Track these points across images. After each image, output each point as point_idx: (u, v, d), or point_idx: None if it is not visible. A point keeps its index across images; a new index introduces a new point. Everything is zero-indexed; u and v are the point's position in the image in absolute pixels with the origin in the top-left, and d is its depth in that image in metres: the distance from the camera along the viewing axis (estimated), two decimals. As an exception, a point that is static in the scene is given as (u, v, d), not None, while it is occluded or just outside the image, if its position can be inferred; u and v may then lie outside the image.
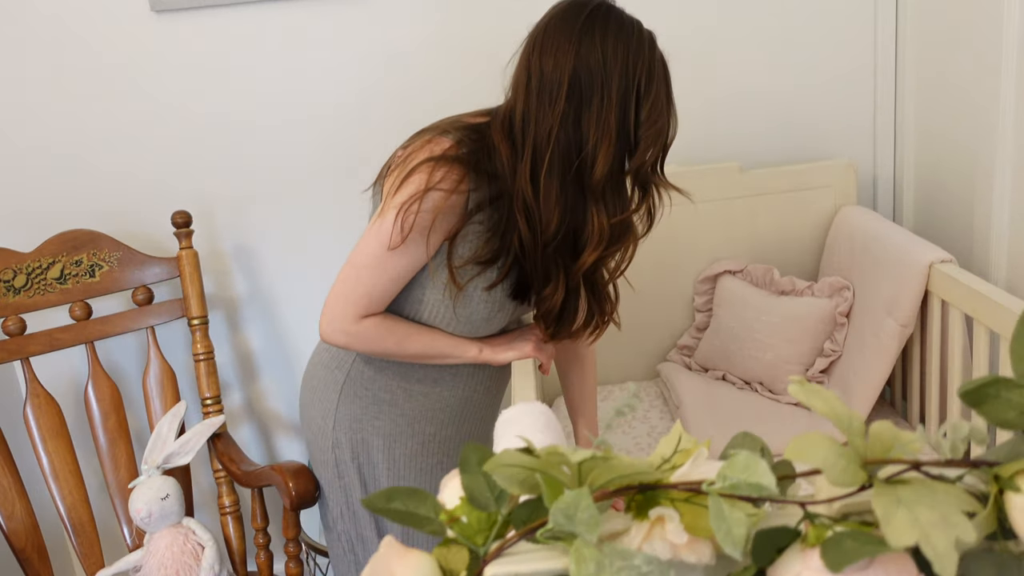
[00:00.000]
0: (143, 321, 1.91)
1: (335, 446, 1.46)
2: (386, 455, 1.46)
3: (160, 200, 2.03)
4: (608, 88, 1.18)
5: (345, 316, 1.32)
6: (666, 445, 0.75)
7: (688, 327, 2.11)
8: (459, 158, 1.24)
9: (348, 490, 1.49)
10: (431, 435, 1.46)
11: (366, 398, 1.43)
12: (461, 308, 1.33)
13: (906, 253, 1.69)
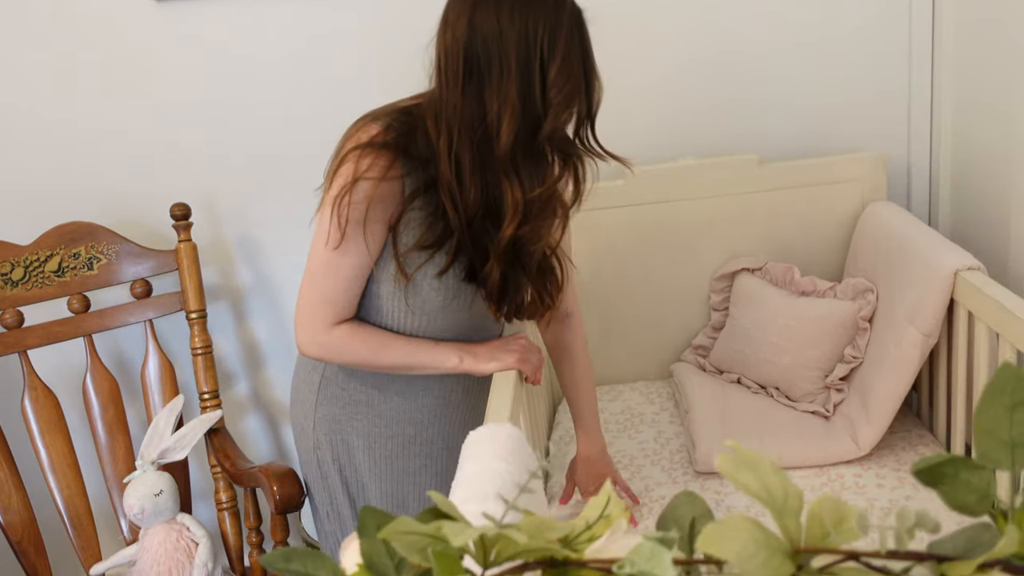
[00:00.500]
0: (141, 314, 1.89)
1: (316, 447, 1.43)
2: (367, 456, 1.42)
3: (161, 191, 2.00)
4: (505, 56, 1.13)
5: (315, 327, 1.29)
6: (593, 508, 0.68)
7: (704, 326, 2.01)
8: (387, 144, 1.20)
9: (332, 491, 1.46)
10: (411, 437, 1.42)
11: (342, 399, 1.40)
12: (413, 298, 1.29)
13: (931, 257, 1.56)
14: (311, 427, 1.43)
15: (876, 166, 1.88)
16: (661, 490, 1.61)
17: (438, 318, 1.32)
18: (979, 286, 1.43)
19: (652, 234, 1.96)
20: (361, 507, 0.62)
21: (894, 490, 1.52)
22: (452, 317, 1.34)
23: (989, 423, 0.57)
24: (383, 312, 1.32)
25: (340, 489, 1.45)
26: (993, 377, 0.58)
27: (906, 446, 1.65)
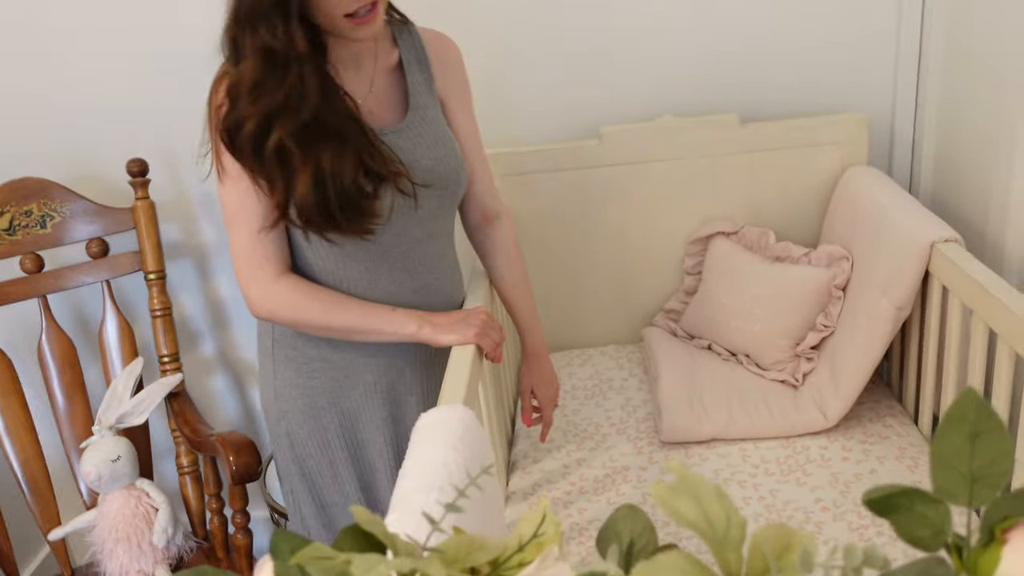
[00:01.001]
0: (97, 274, 1.83)
1: (282, 417, 1.39)
2: (336, 412, 1.38)
3: (118, 146, 1.93)
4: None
5: (255, 275, 1.26)
6: (527, 525, 0.64)
7: (677, 290, 1.97)
8: (227, 72, 1.18)
9: (302, 461, 1.41)
10: (371, 384, 1.38)
11: (297, 359, 1.37)
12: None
13: (908, 228, 1.52)
14: (272, 397, 1.39)
15: (858, 129, 1.83)
16: (625, 460, 1.59)
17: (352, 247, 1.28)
18: (954, 260, 1.39)
19: (627, 195, 1.91)
20: (274, 532, 0.58)
21: (859, 463, 1.50)
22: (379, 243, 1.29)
23: (948, 453, 0.53)
24: (310, 261, 1.30)
25: (316, 455, 1.40)
26: (953, 403, 0.54)
27: (874, 417, 1.63)
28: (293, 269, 1.31)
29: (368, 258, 1.30)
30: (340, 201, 1.18)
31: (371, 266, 1.30)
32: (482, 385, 1.39)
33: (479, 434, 1.08)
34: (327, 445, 1.39)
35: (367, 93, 1.29)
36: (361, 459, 1.41)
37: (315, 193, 1.17)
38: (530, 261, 1.96)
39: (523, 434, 1.72)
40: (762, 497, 1.45)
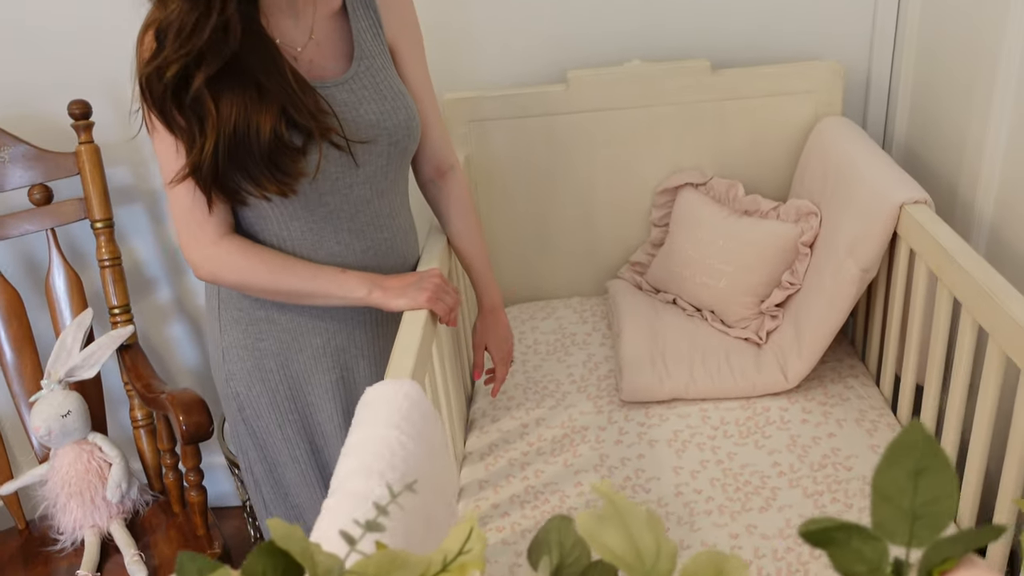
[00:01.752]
0: (41, 222, 1.76)
1: (229, 378, 1.35)
2: (283, 376, 1.35)
3: (61, 82, 1.83)
4: None
5: (196, 237, 1.21)
6: (453, 540, 0.61)
7: (643, 242, 1.93)
8: (153, 21, 1.12)
9: (251, 422, 1.38)
10: (320, 347, 1.34)
11: (243, 320, 1.33)
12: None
13: (877, 187, 1.48)
14: (221, 359, 1.35)
15: (833, 77, 1.76)
16: (585, 420, 1.57)
17: (285, 203, 1.22)
18: (922, 223, 1.35)
19: (594, 143, 1.84)
20: (180, 552, 0.55)
21: (818, 426, 1.49)
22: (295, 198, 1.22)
23: (890, 488, 0.50)
24: (252, 221, 1.24)
25: (266, 414, 1.37)
26: (898, 436, 0.50)
27: (836, 378, 1.61)
28: (237, 230, 1.25)
29: (313, 219, 1.24)
30: (257, 155, 1.11)
31: (315, 227, 1.25)
32: (436, 345, 1.36)
33: (426, 410, 1.04)
34: (276, 407, 1.36)
35: (306, 42, 1.21)
36: (311, 422, 1.38)
37: (227, 145, 1.10)
38: (493, 211, 1.91)
39: (482, 392, 1.70)
40: (720, 460, 1.44)
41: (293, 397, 1.37)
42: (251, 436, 1.40)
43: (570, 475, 1.45)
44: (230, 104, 1.10)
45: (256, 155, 1.12)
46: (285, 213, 1.22)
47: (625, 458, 1.47)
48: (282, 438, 1.39)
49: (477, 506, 1.41)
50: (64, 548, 1.65)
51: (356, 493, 0.88)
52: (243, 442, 1.41)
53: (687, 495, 1.38)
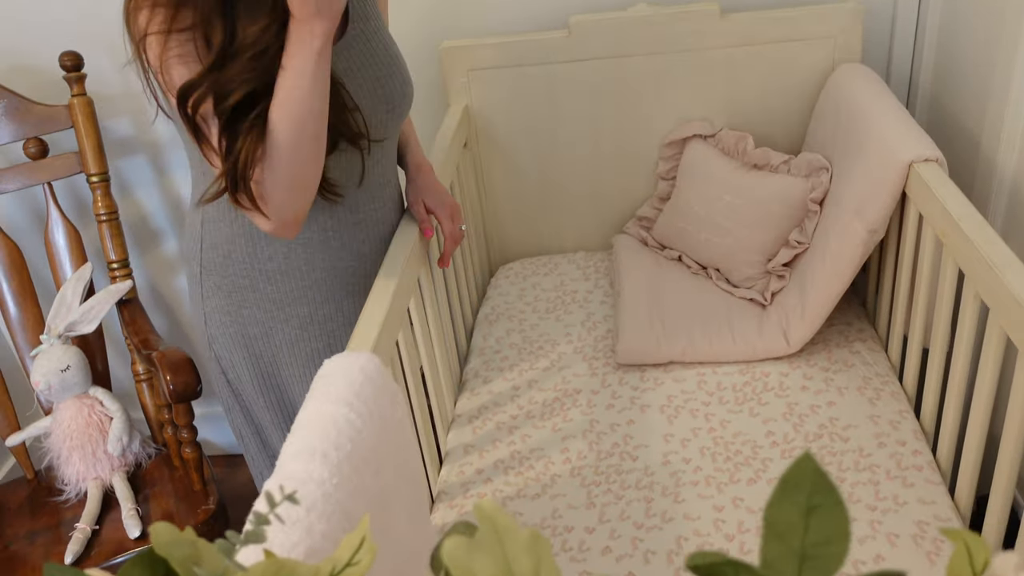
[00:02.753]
0: (37, 176, 1.75)
1: (212, 342, 1.34)
2: (267, 344, 1.33)
3: (57, 31, 1.80)
4: None
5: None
6: (344, 549, 0.58)
7: (650, 196, 1.86)
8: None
9: (234, 384, 1.38)
10: (306, 317, 1.31)
11: (225, 287, 1.29)
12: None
13: (887, 143, 1.38)
14: (203, 323, 1.34)
15: (852, 21, 1.65)
16: (578, 383, 1.53)
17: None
18: (929, 183, 1.26)
19: (598, 92, 1.76)
20: (46, 564, 0.53)
21: (818, 394, 1.43)
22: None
23: (781, 524, 0.46)
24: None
25: (247, 381, 1.36)
26: (789, 470, 0.46)
27: (842, 342, 1.54)
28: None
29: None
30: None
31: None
32: (416, 307, 1.32)
33: (383, 384, 1.01)
34: (259, 374, 1.34)
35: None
36: (291, 393, 1.36)
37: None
38: (494, 163, 1.85)
39: (476, 352, 1.67)
40: (712, 428, 1.39)
41: (276, 365, 1.35)
42: (235, 397, 1.39)
43: (557, 440, 1.42)
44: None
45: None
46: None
47: (615, 423, 1.44)
48: (265, 405, 1.37)
49: (461, 471, 1.39)
50: (69, 499, 1.69)
51: (294, 475, 0.86)
52: (228, 402, 1.40)
53: (675, 464, 1.34)
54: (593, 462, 1.36)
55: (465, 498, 1.33)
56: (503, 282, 1.86)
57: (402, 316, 1.22)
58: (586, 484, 1.32)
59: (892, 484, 1.24)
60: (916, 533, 1.16)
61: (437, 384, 1.44)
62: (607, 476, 1.33)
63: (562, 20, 1.75)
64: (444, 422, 1.47)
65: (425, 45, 1.80)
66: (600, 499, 1.29)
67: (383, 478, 0.97)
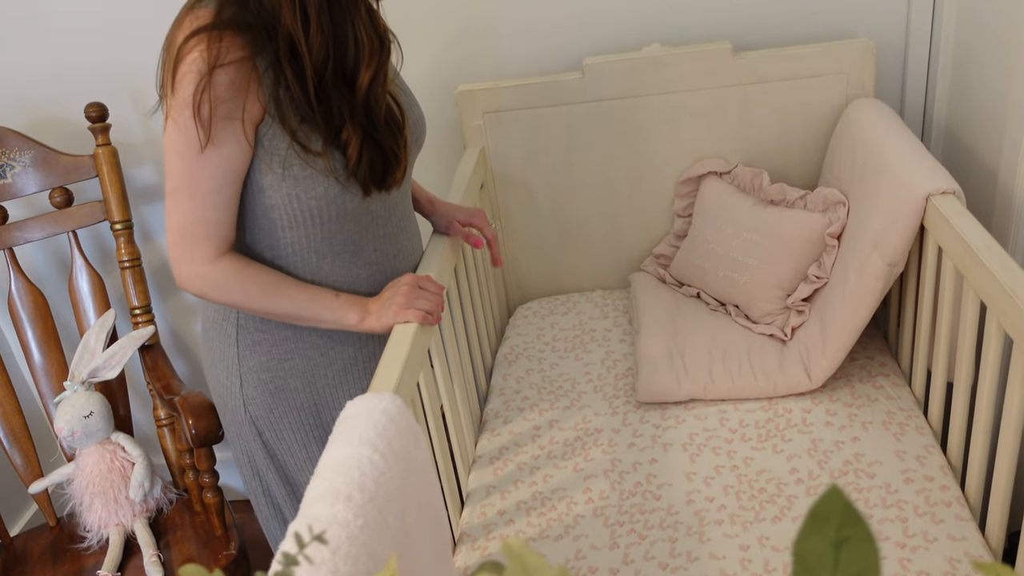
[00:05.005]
0: (63, 225, 1.78)
1: (247, 404, 1.31)
2: (309, 394, 1.31)
3: (80, 84, 1.85)
4: None
5: (192, 256, 1.16)
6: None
7: (667, 233, 1.86)
8: (228, 23, 1.06)
9: (271, 445, 1.35)
10: (351, 358, 1.31)
11: (266, 342, 1.28)
12: (314, 189, 1.17)
13: (904, 176, 1.38)
14: (238, 386, 1.30)
15: (864, 56, 1.66)
16: (599, 422, 1.53)
17: (341, 213, 1.21)
18: (947, 216, 1.26)
19: (613, 132, 1.78)
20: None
21: (842, 430, 1.41)
22: (352, 206, 1.21)
23: (810, 558, 0.45)
24: (272, 222, 1.19)
25: (289, 438, 1.34)
26: (817, 503, 0.45)
27: (865, 376, 1.53)
28: (256, 244, 1.22)
29: (359, 228, 1.23)
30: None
31: (357, 238, 1.24)
32: (437, 348, 1.33)
33: (405, 426, 1.01)
34: (300, 426, 1.33)
35: None
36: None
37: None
38: (511, 204, 1.87)
39: (496, 392, 1.66)
40: (735, 466, 1.38)
41: (318, 413, 1.34)
42: (271, 459, 1.37)
43: (579, 480, 1.41)
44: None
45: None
46: (330, 227, 1.22)
47: (637, 463, 1.42)
48: (306, 457, 1.36)
49: (483, 512, 1.38)
50: (91, 546, 1.69)
51: (320, 518, 0.86)
52: (261, 467, 1.37)
53: (698, 503, 1.33)
54: (616, 502, 1.35)
55: (487, 540, 1.32)
56: (521, 322, 1.86)
57: (423, 357, 1.23)
58: (609, 524, 1.31)
59: (921, 521, 1.22)
60: (948, 571, 1.14)
61: (458, 425, 1.44)
62: (630, 516, 1.32)
63: (576, 62, 1.77)
64: (465, 463, 1.47)
65: (441, 88, 1.83)
66: (624, 539, 1.28)
67: (407, 519, 0.97)
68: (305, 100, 1.10)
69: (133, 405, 1.89)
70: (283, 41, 1.08)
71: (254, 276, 1.19)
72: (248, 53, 1.07)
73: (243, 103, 1.08)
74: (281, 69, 1.09)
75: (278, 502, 1.41)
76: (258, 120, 1.11)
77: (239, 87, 1.07)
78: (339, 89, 1.13)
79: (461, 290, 1.57)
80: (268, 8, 1.07)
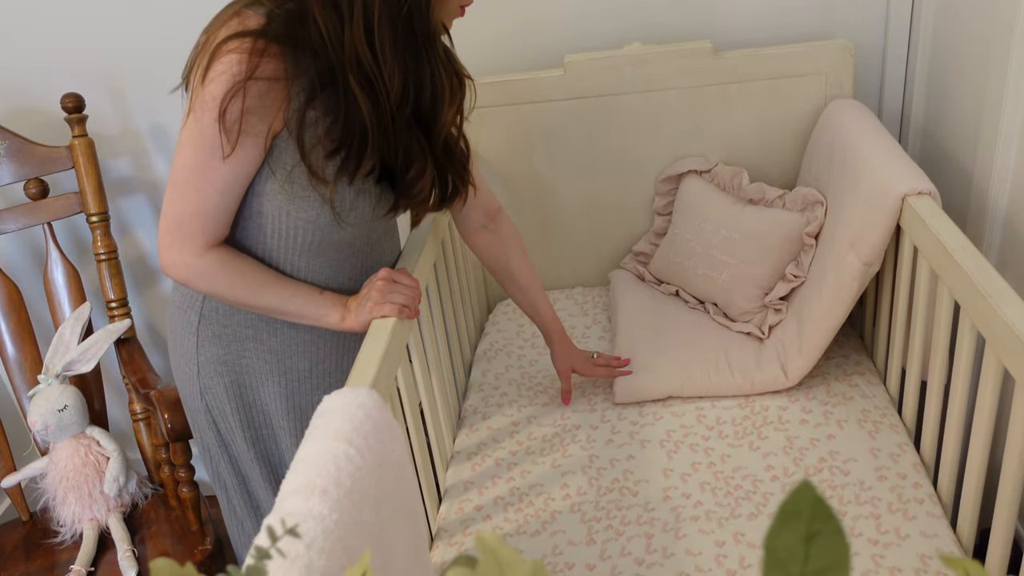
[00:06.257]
0: (38, 216, 1.76)
1: (204, 392, 1.32)
2: (260, 396, 1.32)
3: (57, 73, 1.83)
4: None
5: (183, 246, 1.16)
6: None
7: (647, 231, 1.87)
8: (276, 36, 1.06)
9: (224, 435, 1.35)
10: (306, 371, 1.32)
11: (225, 337, 1.28)
12: (306, 211, 1.17)
13: (881, 176, 1.40)
14: (195, 373, 1.31)
15: (843, 57, 1.67)
16: (577, 419, 1.53)
17: (359, 229, 1.23)
18: (923, 216, 1.27)
19: (594, 130, 1.79)
20: None
21: (817, 427, 1.43)
22: (366, 226, 1.23)
23: (781, 552, 0.46)
24: (267, 231, 1.19)
25: (238, 433, 1.34)
26: (788, 498, 0.46)
27: (841, 375, 1.54)
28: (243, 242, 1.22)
29: (339, 256, 1.24)
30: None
31: (335, 264, 1.25)
32: (416, 343, 1.32)
33: (383, 421, 1.01)
34: (250, 425, 1.33)
35: None
36: (281, 445, 1.35)
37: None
38: (491, 200, 1.86)
39: (475, 388, 1.66)
40: (712, 463, 1.39)
41: (267, 417, 1.34)
42: (224, 448, 1.37)
43: (557, 476, 1.41)
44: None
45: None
46: (310, 252, 1.23)
47: (615, 459, 1.43)
48: (254, 457, 1.35)
49: (460, 508, 1.38)
50: (64, 541, 1.67)
51: (294, 512, 0.85)
52: (215, 453, 1.37)
53: (675, 499, 1.33)
54: (593, 498, 1.35)
55: (464, 535, 1.32)
56: (501, 318, 1.87)
57: (401, 352, 1.23)
58: (586, 520, 1.31)
59: (894, 517, 1.24)
60: (919, 567, 1.15)
61: (436, 420, 1.44)
62: (607, 512, 1.32)
63: (558, 59, 1.77)
64: (443, 459, 1.47)
65: (422, 85, 1.82)
66: (601, 535, 1.28)
67: (382, 514, 0.96)
68: (375, 131, 1.11)
69: (108, 399, 1.87)
70: (352, 72, 1.08)
71: (240, 269, 1.19)
72: (285, 75, 1.07)
73: (269, 119, 1.09)
74: (325, 97, 1.10)
75: (230, 491, 1.41)
76: (276, 133, 1.11)
77: (268, 104, 1.08)
78: (411, 126, 1.15)
79: (441, 286, 1.56)
80: (327, 34, 1.06)
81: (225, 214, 1.16)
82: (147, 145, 1.96)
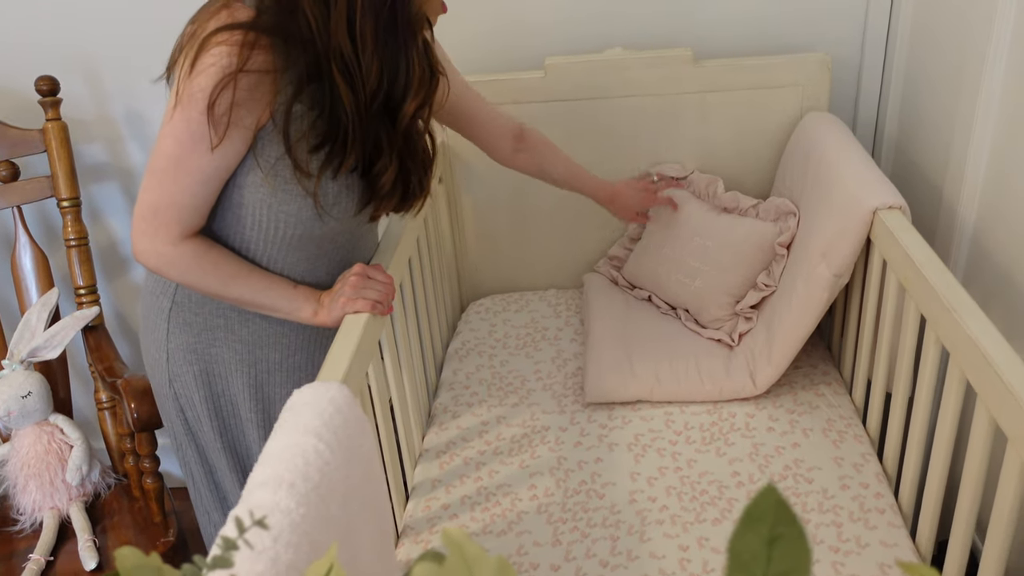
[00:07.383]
0: (8, 199, 1.73)
1: (172, 380, 1.31)
2: (228, 386, 1.31)
3: (31, 54, 1.80)
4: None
5: (157, 235, 1.15)
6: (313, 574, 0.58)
7: (621, 236, 1.88)
8: (267, 29, 1.05)
9: (191, 424, 1.34)
10: (276, 363, 1.31)
11: (196, 325, 1.27)
12: (288, 204, 1.16)
13: (853, 190, 1.42)
14: (164, 360, 1.30)
15: (820, 70, 1.70)
16: (547, 420, 1.54)
17: (340, 224, 1.22)
18: (893, 230, 1.30)
19: (572, 133, 1.79)
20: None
21: (783, 435, 1.44)
22: (347, 221, 1.22)
23: (745, 555, 0.46)
24: (246, 224, 1.18)
25: (206, 422, 1.34)
26: (752, 502, 0.47)
27: (807, 384, 1.56)
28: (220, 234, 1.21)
29: (318, 251, 1.23)
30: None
31: (313, 258, 1.24)
32: (388, 339, 1.32)
33: (352, 416, 1.01)
34: (218, 415, 1.32)
35: None
36: (248, 437, 1.34)
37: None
38: (469, 200, 1.87)
39: (446, 386, 1.66)
40: (679, 467, 1.40)
41: (235, 407, 1.33)
42: (191, 437, 1.36)
43: (525, 477, 1.42)
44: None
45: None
46: (288, 244, 1.21)
47: (583, 461, 1.44)
48: (220, 447, 1.35)
49: (427, 506, 1.38)
50: (23, 529, 1.65)
51: (261, 504, 0.85)
52: (182, 441, 1.37)
53: (641, 502, 1.34)
54: (560, 499, 1.36)
55: (431, 533, 1.32)
56: (474, 317, 1.87)
57: (373, 348, 1.22)
58: (552, 521, 1.32)
59: (855, 526, 1.26)
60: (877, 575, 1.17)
61: (406, 418, 1.44)
62: (574, 514, 1.33)
63: (538, 61, 1.78)
64: (412, 456, 1.47)
65: (403, 81, 1.82)
66: (566, 536, 1.29)
67: (350, 509, 0.96)
68: (355, 123, 1.11)
69: (74, 387, 1.85)
70: (335, 63, 1.07)
71: (214, 259, 1.18)
72: (274, 68, 1.06)
73: (257, 112, 1.08)
74: (312, 91, 1.09)
75: (197, 481, 1.40)
76: (262, 125, 1.11)
77: (257, 97, 1.07)
78: (381, 117, 1.14)
79: (415, 283, 1.56)
80: (315, 26, 1.05)
81: (203, 204, 1.15)
82: (122, 132, 1.94)
